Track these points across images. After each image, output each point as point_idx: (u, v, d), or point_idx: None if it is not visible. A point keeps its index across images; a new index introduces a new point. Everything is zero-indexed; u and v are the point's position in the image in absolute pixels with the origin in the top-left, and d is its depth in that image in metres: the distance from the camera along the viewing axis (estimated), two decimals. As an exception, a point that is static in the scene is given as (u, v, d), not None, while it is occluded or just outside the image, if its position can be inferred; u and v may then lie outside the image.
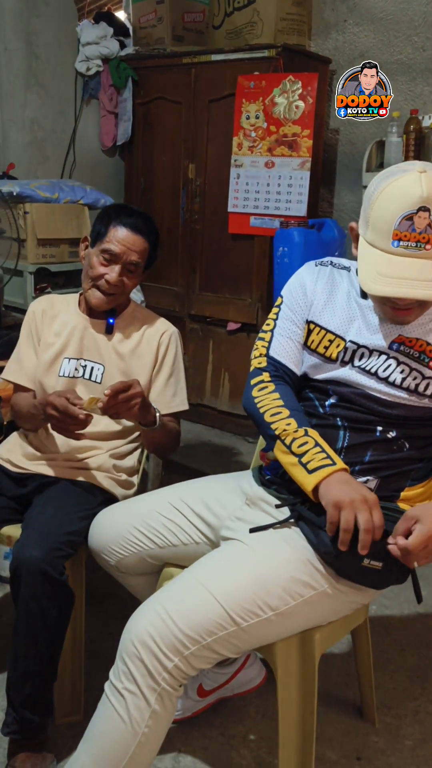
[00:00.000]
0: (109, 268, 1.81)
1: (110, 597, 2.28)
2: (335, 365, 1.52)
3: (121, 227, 1.81)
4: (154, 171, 4.00)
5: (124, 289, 1.85)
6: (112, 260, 1.81)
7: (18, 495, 1.81)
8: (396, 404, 1.45)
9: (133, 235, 1.81)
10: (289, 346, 1.58)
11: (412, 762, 1.72)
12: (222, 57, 3.56)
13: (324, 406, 1.53)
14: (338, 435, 1.48)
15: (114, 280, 1.81)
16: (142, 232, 1.82)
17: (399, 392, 1.45)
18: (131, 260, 1.81)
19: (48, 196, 3.13)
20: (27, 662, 1.56)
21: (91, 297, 1.84)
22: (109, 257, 1.80)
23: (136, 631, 1.31)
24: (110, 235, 1.81)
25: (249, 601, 1.33)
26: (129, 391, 1.61)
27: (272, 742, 1.74)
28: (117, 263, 1.81)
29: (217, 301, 3.77)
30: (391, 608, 2.32)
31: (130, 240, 1.81)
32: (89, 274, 1.83)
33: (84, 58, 3.95)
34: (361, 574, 1.38)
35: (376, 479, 1.44)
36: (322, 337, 1.54)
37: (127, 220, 1.82)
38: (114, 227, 1.81)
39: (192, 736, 1.77)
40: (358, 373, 1.49)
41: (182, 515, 1.62)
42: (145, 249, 1.84)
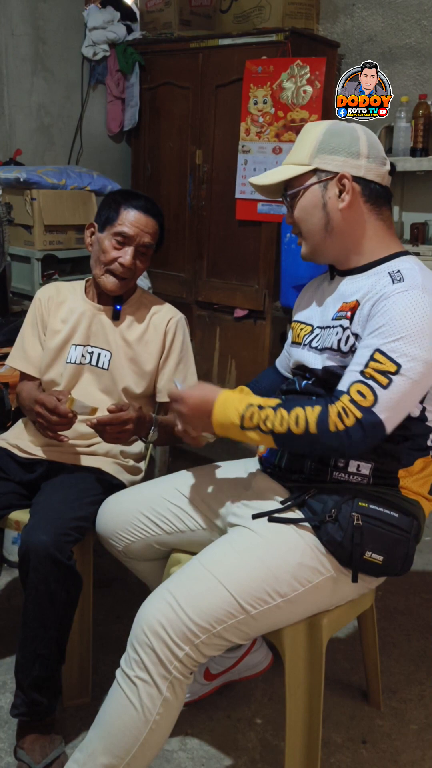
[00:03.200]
0: (122, 251, 1.81)
1: (117, 582, 2.29)
2: (299, 348, 1.59)
3: (132, 209, 1.81)
4: (161, 157, 3.99)
5: (136, 273, 1.85)
6: (126, 242, 1.81)
7: (26, 480, 1.82)
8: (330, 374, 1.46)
9: (145, 216, 1.82)
10: (283, 355, 1.78)
11: (417, 746, 1.74)
12: (229, 41, 3.53)
13: (301, 384, 1.56)
14: None
15: (128, 263, 1.81)
16: (152, 214, 1.84)
17: (329, 356, 1.46)
18: (144, 242, 1.82)
19: (55, 183, 3.13)
20: (35, 645, 1.57)
21: (106, 282, 1.84)
22: (122, 240, 1.81)
23: (147, 621, 1.32)
24: (122, 217, 1.81)
25: (258, 588, 1.34)
26: (121, 416, 1.64)
27: (278, 725, 1.76)
28: (130, 245, 1.81)
29: (224, 287, 3.76)
30: (397, 593, 2.33)
31: (143, 221, 1.81)
32: (101, 259, 1.83)
33: (91, 42, 3.92)
34: (362, 565, 1.39)
35: (368, 464, 1.44)
36: (297, 330, 1.63)
37: (137, 203, 1.83)
38: (125, 210, 1.81)
39: (198, 719, 1.79)
40: (310, 352, 1.54)
41: (189, 502, 1.63)
42: (156, 230, 1.85)
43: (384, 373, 1.30)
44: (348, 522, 1.37)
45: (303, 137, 1.51)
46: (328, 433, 1.32)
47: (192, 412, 1.45)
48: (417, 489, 1.45)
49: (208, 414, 1.43)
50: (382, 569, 1.40)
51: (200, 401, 1.44)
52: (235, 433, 1.41)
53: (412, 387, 1.32)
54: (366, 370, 1.32)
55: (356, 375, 1.33)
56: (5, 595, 2.26)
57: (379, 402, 1.30)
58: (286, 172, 1.51)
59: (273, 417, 1.36)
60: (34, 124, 3.77)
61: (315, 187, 1.48)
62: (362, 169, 1.45)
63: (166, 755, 1.67)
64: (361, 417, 1.30)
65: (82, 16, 3.90)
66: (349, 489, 1.41)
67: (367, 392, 1.31)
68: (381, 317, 1.34)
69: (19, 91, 3.65)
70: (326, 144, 1.46)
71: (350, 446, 1.32)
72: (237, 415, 1.39)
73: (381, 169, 1.48)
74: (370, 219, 1.48)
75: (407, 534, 1.40)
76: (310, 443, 1.34)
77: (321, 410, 1.33)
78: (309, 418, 1.33)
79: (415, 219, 3.40)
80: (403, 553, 1.41)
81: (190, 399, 1.46)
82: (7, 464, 1.84)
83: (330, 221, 1.48)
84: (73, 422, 1.68)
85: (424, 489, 1.47)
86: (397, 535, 1.39)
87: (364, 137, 1.46)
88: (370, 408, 1.30)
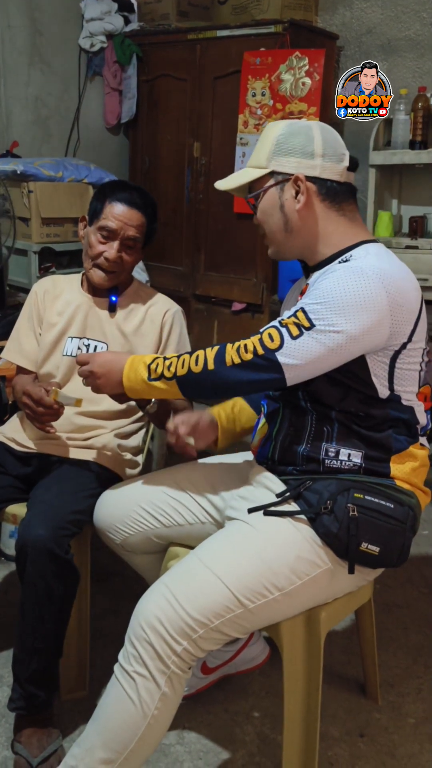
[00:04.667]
0: (107, 246, 1.80)
1: (115, 575, 2.29)
2: None
3: (116, 203, 1.80)
4: (159, 149, 3.97)
5: (124, 266, 1.84)
6: (110, 237, 1.80)
7: (23, 474, 1.82)
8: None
9: (129, 209, 1.80)
10: None
11: (414, 739, 1.74)
12: (227, 33, 3.51)
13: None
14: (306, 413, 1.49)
15: (113, 257, 1.80)
16: (138, 206, 1.82)
17: None
18: (129, 235, 1.80)
19: (52, 175, 3.11)
20: (33, 639, 1.57)
21: (93, 276, 1.84)
22: (106, 234, 1.80)
23: (145, 616, 1.32)
24: (106, 211, 1.80)
25: (256, 582, 1.34)
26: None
27: (275, 719, 1.76)
28: (115, 239, 1.80)
29: (222, 281, 3.76)
30: (395, 587, 2.33)
31: (127, 215, 1.80)
32: (89, 253, 1.83)
33: (88, 34, 3.90)
34: (358, 557, 1.39)
35: (359, 452, 1.43)
36: None
37: (122, 195, 1.81)
38: (110, 203, 1.80)
39: (196, 713, 1.79)
40: None
41: (187, 495, 1.63)
42: (142, 223, 1.83)
43: (298, 326, 1.36)
44: (344, 513, 1.37)
45: (262, 139, 1.52)
46: (225, 368, 1.39)
47: (101, 369, 1.52)
48: (412, 480, 1.45)
49: (119, 372, 1.51)
50: (379, 560, 1.40)
51: (110, 360, 1.53)
52: (143, 388, 1.49)
53: (324, 351, 1.35)
54: (284, 321, 1.38)
55: (275, 323, 1.39)
56: (2, 589, 2.26)
57: (284, 346, 1.35)
58: (245, 176, 1.54)
59: (176, 362, 1.44)
60: (31, 116, 3.75)
61: (272, 189, 1.50)
62: (317, 169, 1.46)
63: (164, 749, 1.67)
64: (261, 353, 1.36)
65: (79, 7, 3.88)
66: (345, 480, 1.41)
67: (276, 336, 1.37)
68: (319, 285, 1.39)
69: (15, 83, 3.63)
70: (281, 146, 1.48)
71: (243, 379, 1.39)
72: (144, 367, 1.48)
73: (337, 167, 1.48)
74: (330, 216, 1.49)
75: (403, 525, 1.40)
76: (209, 380, 1.41)
77: (219, 348, 1.41)
78: (207, 356, 1.41)
79: (413, 212, 3.39)
80: (400, 544, 1.41)
81: (99, 357, 1.54)
82: (4, 458, 1.83)
83: (288, 221, 1.50)
84: (61, 413, 1.68)
85: (419, 481, 1.47)
86: (393, 526, 1.39)
87: (318, 137, 1.47)
88: (273, 350, 1.36)
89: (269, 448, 1.53)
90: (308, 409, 1.47)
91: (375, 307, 1.34)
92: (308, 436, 1.46)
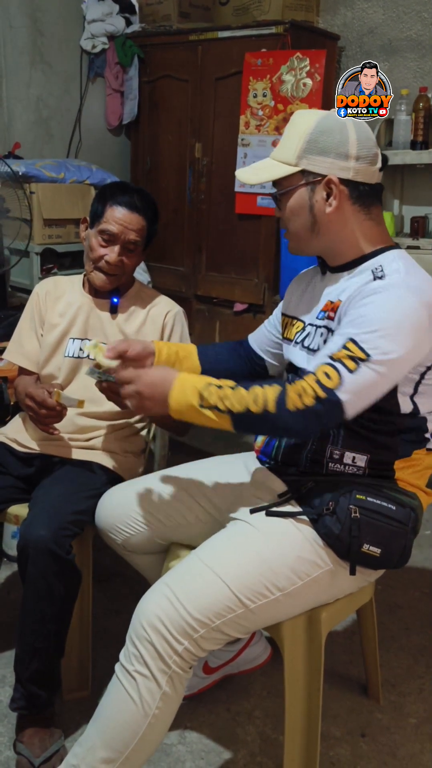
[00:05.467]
0: (108, 249, 1.81)
1: (117, 575, 2.30)
2: (290, 345, 1.59)
3: (117, 206, 1.80)
4: (161, 150, 3.97)
5: (125, 269, 1.84)
6: (111, 241, 1.80)
7: (25, 475, 1.82)
8: None
9: (130, 213, 1.80)
10: (260, 331, 1.79)
11: (416, 739, 1.74)
12: (229, 34, 3.51)
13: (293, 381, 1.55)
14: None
15: (114, 261, 1.80)
16: (138, 210, 1.81)
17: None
18: (129, 239, 1.81)
19: (54, 176, 3.12)
20: (34, 639, 1.57)
21: (95, 279, 1.84)
22: (107, 238, 1.80)
23: (146, 615, 1.32)
24: (107, 215, 1.80)
25: (257, 582, 1.34)
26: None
27: (277, 719, 1.76)
28: (116, 243, 1.80)
29: (223, 281, 3.76)
30: (397, 588, 2.33)
31: (127, 219, 1.80)
32: (90, 255, 1.83)
33: (89, 35, 3.90)
34: (359, 558, 1.39)
35: (363, 456, 1.44)
36: (288, 325, 1.62)
37: (123, 199, 1.81)
38: (110, 207, 1.80)
39: (198, 713, 1.79)
40: (302, 352, 1.53)
41: (189, 495, 1.63)
42: (142, 227, 1.83)
43: (353, 359, 1.30)
44: (346, 515, 1.37)
45: (292, 129, 1.45)
46: (287, 412, 1.30)
47: (149, 390, 1.39)
48: (414, 481, 1.45)
49: (165, 394, 1.38)
50: (380, 562, 1.40)
51: (158, 379, 1.40)
52: (191, 414, 1.37)
53: (380, 379, 1.31)
54: (336, 354, 1.31)
55: (326, 358, 1.32)
56: (4, 589, 2.26)
57: (343, 384, 1.29)
58: (273, 171, 1.47)
59: (232, 395, 1.33)
60: (33, 117, 3.75)
61: (302, 189, 1.44)
62: (350, 172, 1.41)
63: (165, 749, 1.68)
64: (323, 396, 1.29)
65: (81, 9, 3.88)
66: (347, 481, 1.41)
67: (333, 374, 1.30)
68: (360, 309, 1.34)
69: (17, 84, 3.63)
70: (314, 143, 1.41)
71: (306, 427, 1.32)
72: (195, 393, 1.35)
73: (371, 169, 1.43)
74: (358, 219, 1.45)
75: (405, 527, 1.40)
76: (268, 423, 1.32)
77: (280, 389, 1.32)
78: (268, 397, 1.31)
79: (415, 212, 3.39)
80: (401, 545, 1.41)
81: (146, 376, 1.40)
82: (6, 459, 1.84)
83: (317, 223, 1.46)
84: (63, 415, 1.68)
85: (421, 482, 1.47)
86: (394, 528, 1.39)
87: (354, 136, 1.40)
88: (334, 389, 1.29)
89: (273, 449, 1.53)
90: None
91: (420, 327, 1.32)
92: (313, 439, 1.46)
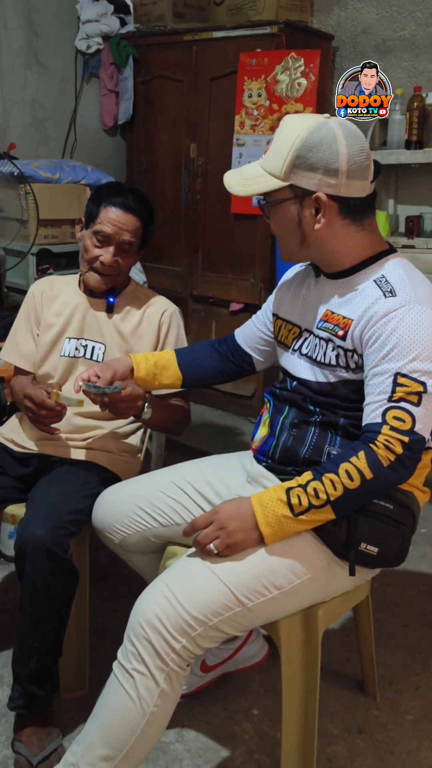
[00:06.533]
0: (103, 250, 1.81)
1: (114, 575, 2.30)
2: (287, 353, 1.59)
3: (111, 207, 1.80)
4: (156, 150, 3.98)
5: (120, 270, 1.85)
6: (105, 241, 1.81)
7: (22, 474, 1.82)
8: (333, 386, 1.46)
9: (125, 214, 1.80)
10: (248, 328, 1.78)
11: (412, 736, 1.75)
12: (223, 34, 3.52)
13: (291, 384, 1.56)
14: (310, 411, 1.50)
15: (109, 261, 1.81)
16: (133, 211, 1.82)
17: (330, 371, 1.46)
18: (124, 240, 1.81)
19: (49, 177, 3.12)
20: (32, 638, 1.58)
21: (90, 279, 1.85)
22: (102, 238, 1.80)
23: (144, 613, 1.32)
24: (101, 216, 1.80)
25: (254, 581, 1.35)
26: (134, 393, 1.63)
27: (275, 717, 1.77)
28: (110, 244, 1.81)
29: (219, 281, 3.76)
30: (394, 585, 2.34)
31: (122, 220, 1.80)
32: (85, 257, 1.84)
33: (84, 36, 3.91)
34: (357, 557, 1.40)
35: None
36: (283, 330, 1.62)
37: (117, 200, 1.81)
38: (105, 207, 1.81)
39: (195, 711, 1.79)
40: (300, 360, 1.53)
41: (185, 494, 1.63)
42: (137, 228, 1.83)
43: (413, 393, 1.31)
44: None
45: (281, 138, 1.41)
46: (384, 470, 1.31)
47: (233, 524, 1.34)
48: (411, 481, 1.45)
49: (250, 519, 1.34)
50: (377, 560, 1.41)
51: (235, 508, 1.36)
52: (289, 527, 1.34)
53: None
54: (394, 396, 1.32)
55: (385, 403, 1.32)
56: (2, 589, 2.26)
57: (417, 421, 1.31)
58: (260, 185, 1.44)
59: (321, 486, 1.31)
60: (28, 118, 3.76)
61: (290, 203, 1.42)
62: (340, 188, 1.38)
63: (163, 747, 1.68)
64: (407, 440, 1.31)
65: (76, 9, 3.88)
66: None
67: (404, 416, 1.31)
68: (389, 339, 1.34)
69: (12, 85, 3.64)
70: (303, 159, 1.37)
71: (404, 472, 1.33)
72: (281, 504, 1.33)
73: (361, 183, 1.40)
74: (349, 232, 1.44)
75: (402, 525, 1.41)
76: (370, 489, 1.32)
77: (366, 453, 1.31)
78: (360, 467, 1.31)
79: (409, 212, 3.41)
80: (398, 544, 1.42)
81: (223, 513, 1.36)
82: (3, 459, 1.84)
83: (306, 238, 1.45)
84: (63, 414, 1.69)
85: (418, 481, 1.47)
86: (392, 527, 1.39)
87: (344, 150, 1.36)
88: (412, 429, 1.31)
89: (270, 447, 1.54)
90: (315, 412, 1.48)
91: None
92: (311, 439, 1.47)
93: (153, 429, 1.94)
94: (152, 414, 1.70)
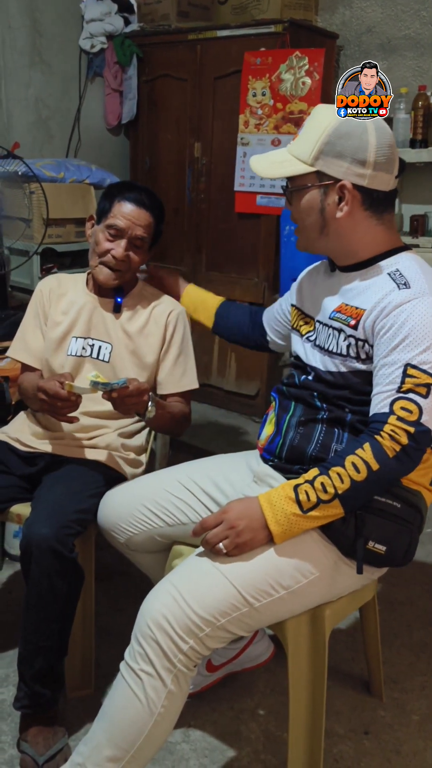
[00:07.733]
0: (115, 243, 1.81)
1: (119, 574, 2.30)
2: (299, 338, 1.61)
3: (125, 202, 1.81)
4: (160, 150, 3.98)
5: (131, 265, 1.85)
6: (118, 235, 1.81)
7: (27, 474, 1.82)
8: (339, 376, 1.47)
9: (138, 209, 1.81)
10: (273, 310, 1.88)
11: (419, 736, 1.74)
12: (228, 33, 3.52)
13: (300, 378, 1.57)
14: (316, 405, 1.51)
15: (120, 255, 1.81)
16: (146, 206, 1.83)
17: (340, 361, 1.46)
18: (136, 234, 1.81)
19: (53, 176, 3.12)
20: (37, 638, 1.57)
21: (99, 274, 1.84)
22: (114, 232, 1.81)
23: (151, 614, 1.32)
24: (115, 210, 1.81)
25: (261, 581, 1.34)
26: (140, 386, 1.62)
27: (281, 717, 1.76)
28: (123, 238, 1.81)
29: (223, 280, 3.76)
30: (399, 585, 2.34)
31: (135, 214, 1.81)
32: (96, 250, 1.84)
33: (88, 35, 3.91)
34: (364, 556, 1.39)
35: None
36: (298, 319, 1.65)
37: (131, 195, 1.82)
38: (118, 202, 1.81)
39: (201, 711, 1.79)
40: (309, 347, 1.56)
41: (191, 493, 1.63)
42: (150, 223, 1.84)
43: (421, 385, 1.32)
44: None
45: (311, 125, 1.44)
46: (390, 461, 1.31)
47: (242, 522, 1.34)
48: (418, 480, 1.45)
49: (259, 518, 1.34)
50: (385, 559, 1.40)
51: (243, 507, 1.36)
52: (299, 524, 1.34)
53: None
54: (403, 387, 1.32)
55: (394, 394, 1.33)
56: (7, 589, 2.26)
57: (423, 412, 1.31)
58: (287, 168, 1.46)
59: (329, 480, 1.32)
60: (32, 118, 3.76)
61: (315, 189, 1.44)
62: (366, 179, 1.40)
63: (169, 747, 1.68)
64: (413, 431, 1.31)
65: (80, 8, 3.88)
66: None
67: (411, 406, 1.31)
68: (400, 330, 1.34)
69: (16, 85, 3.63)
70: (332, 146, 1.39)
71: (409, 463, 1.34)
72: (289, 501, 1.33)
73: (387, 177, 1.42)
74: (369, 224, 1.45)
75: (410, 524, 1.41)
76: (377, 481, 1.33)
77: (372, 444, 1.32)
78: (366, 458, 1.31)
79: (414, 211, 3.40)
80: (406, 543, 1.41)
81: (231, 512, 1.36)
82: (8, 458, 1.84)
83: (326, 225, 1.46)
84: (79, 403, 1.66)
85: (425, 480, 1.47)
86: (399, 526, 1.39)
87: (374, 143, 1.39)
88: (418, 420, 1.31)
89: (277, 446, 1.53)
90: (322, 409, 1.47)
91: None
92: (318, 437, 1.47)
93: (154, 429, 1.94)
94: (155, 413, 1.69)
